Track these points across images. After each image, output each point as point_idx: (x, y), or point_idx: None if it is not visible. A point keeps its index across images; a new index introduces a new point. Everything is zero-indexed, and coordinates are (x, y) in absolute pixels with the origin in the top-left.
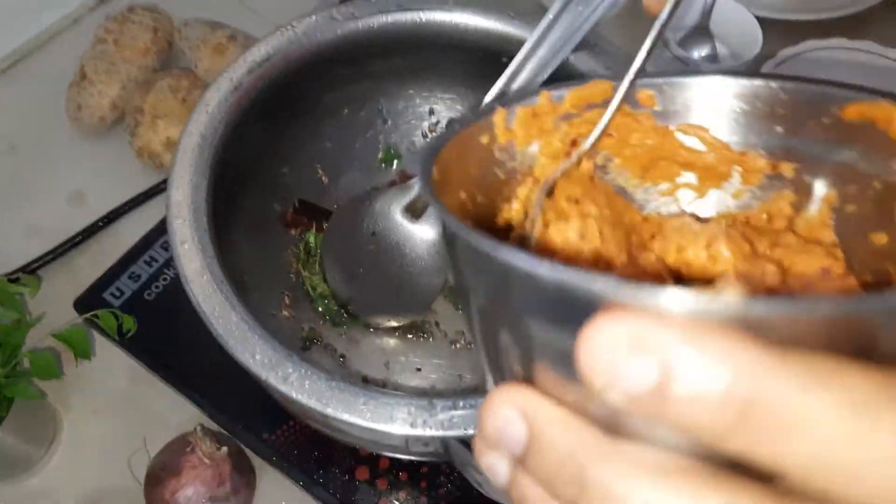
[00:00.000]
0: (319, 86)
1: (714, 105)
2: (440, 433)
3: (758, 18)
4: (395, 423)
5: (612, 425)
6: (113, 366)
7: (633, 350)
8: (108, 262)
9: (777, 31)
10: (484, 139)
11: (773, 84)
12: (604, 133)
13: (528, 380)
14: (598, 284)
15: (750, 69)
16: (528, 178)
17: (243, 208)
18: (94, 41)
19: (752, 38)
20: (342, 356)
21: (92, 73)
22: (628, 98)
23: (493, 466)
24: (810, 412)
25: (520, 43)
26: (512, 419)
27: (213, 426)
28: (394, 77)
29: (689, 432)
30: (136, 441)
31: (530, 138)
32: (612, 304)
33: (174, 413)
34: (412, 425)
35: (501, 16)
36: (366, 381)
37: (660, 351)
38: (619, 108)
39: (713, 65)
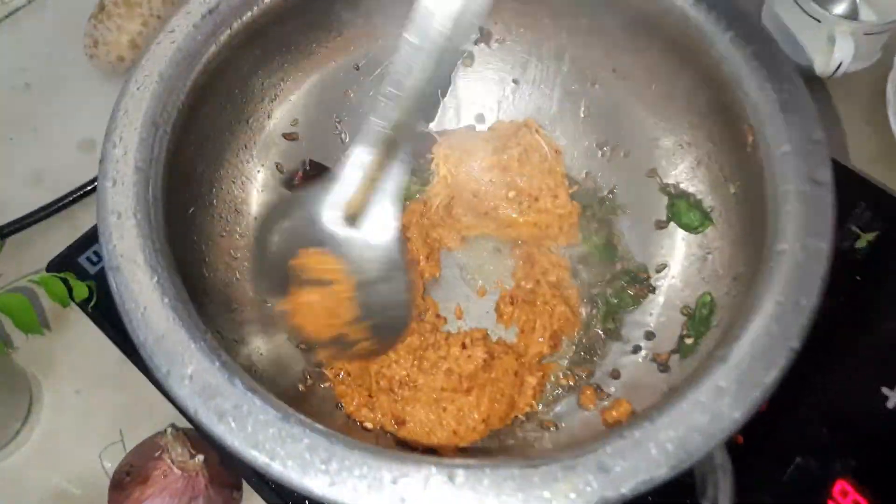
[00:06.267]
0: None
1: None
2: None
3: None
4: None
5: None
6: (102, 345)
7: None
8: None
9: None
10: None
11: None
12: None
13: None
14: None
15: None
16: None
17: (225, 167)
18: None
19: None
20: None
21: (111, 4)
22: None
23: None
24: None
25: None
26: None
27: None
28: None
29: None
30: (115, 430)
31: None
32: None
33: (163, 404)
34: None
35: None
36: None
37: None
38: None
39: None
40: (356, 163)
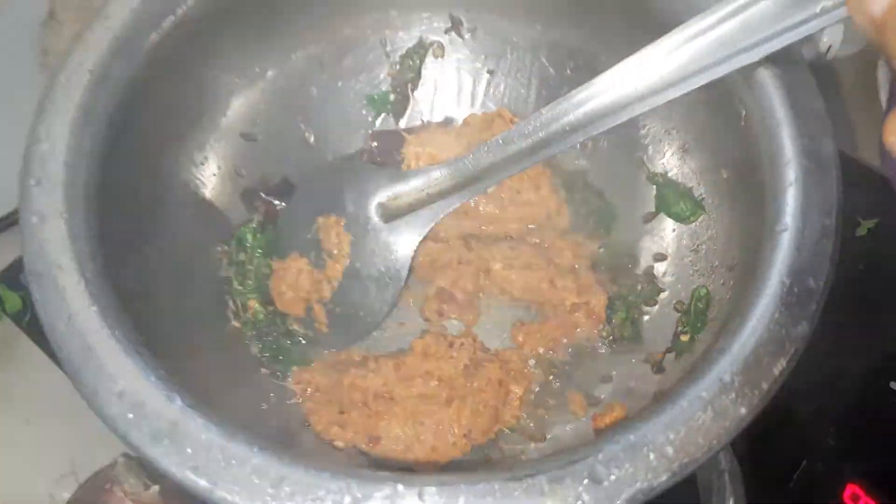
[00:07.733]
0: None
1: None
2: None
3: None
4: None
5: None
6: (53, 371)
7: None
8: None
9: None
10: None
11: None
12: None
13: None
14: None
15: None
16: None
17: (176, 168)
18: None
19: None
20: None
21: (60, 9)
22: None
23: None
24: None
25: None
26: None
27: None
28: None
29: None
30: (68, 461)
31: None
32: None
33: None
34: None
35: None
36: None
37: None
38: None
39: None
40: (428, 173)
